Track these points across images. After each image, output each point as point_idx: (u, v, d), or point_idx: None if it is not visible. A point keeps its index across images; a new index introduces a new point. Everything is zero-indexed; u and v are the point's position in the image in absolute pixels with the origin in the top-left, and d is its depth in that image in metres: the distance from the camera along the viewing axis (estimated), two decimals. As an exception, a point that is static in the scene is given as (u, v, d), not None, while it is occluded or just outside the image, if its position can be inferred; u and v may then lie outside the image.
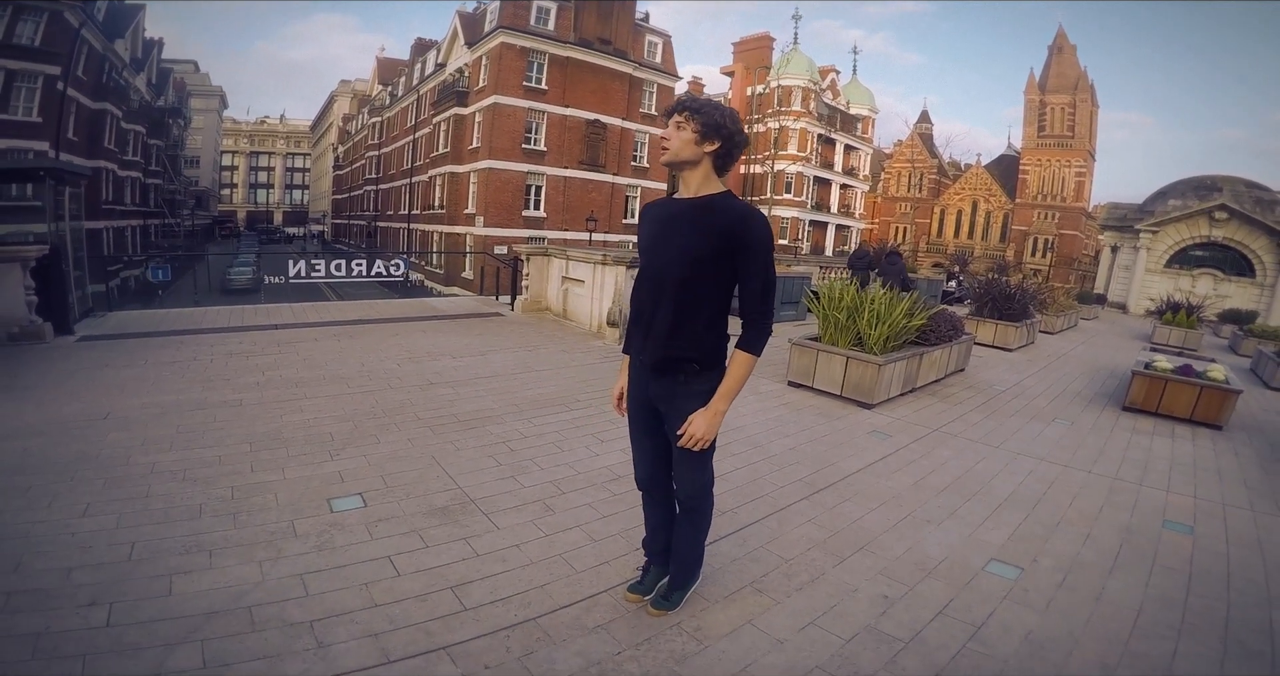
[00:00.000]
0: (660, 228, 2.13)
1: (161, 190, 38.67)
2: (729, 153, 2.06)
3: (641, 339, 2.18)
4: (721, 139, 2.03)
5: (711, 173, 2.08)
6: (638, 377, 2.25)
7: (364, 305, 9.89)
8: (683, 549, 2.40)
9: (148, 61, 34.80)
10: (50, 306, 6.56)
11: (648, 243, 2.16)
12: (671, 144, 2.05)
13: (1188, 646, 2.48)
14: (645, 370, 2.19)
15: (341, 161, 62.19)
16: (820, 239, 43.99)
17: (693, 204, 2.06)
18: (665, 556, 2.50)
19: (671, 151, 2.05)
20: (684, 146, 2.03)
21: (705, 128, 2.01)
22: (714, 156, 2.05)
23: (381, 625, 2.22)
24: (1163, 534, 3.60)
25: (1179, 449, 5.44)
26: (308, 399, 4.88)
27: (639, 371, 2.24)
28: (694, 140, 2.02)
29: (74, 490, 3.12)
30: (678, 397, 2.13)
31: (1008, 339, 10.35)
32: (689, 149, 2.03)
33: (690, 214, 2.05)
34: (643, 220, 2.25)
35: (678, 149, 2.04)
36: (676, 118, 2.05)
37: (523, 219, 26.75)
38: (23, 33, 20.83)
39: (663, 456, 2.30)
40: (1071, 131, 46.81)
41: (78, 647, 2.00)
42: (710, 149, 2.04)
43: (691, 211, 2.05)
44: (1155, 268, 24.27)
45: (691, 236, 2.01)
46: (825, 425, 5.20)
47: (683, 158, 2.04)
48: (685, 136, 2.02)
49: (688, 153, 2.03)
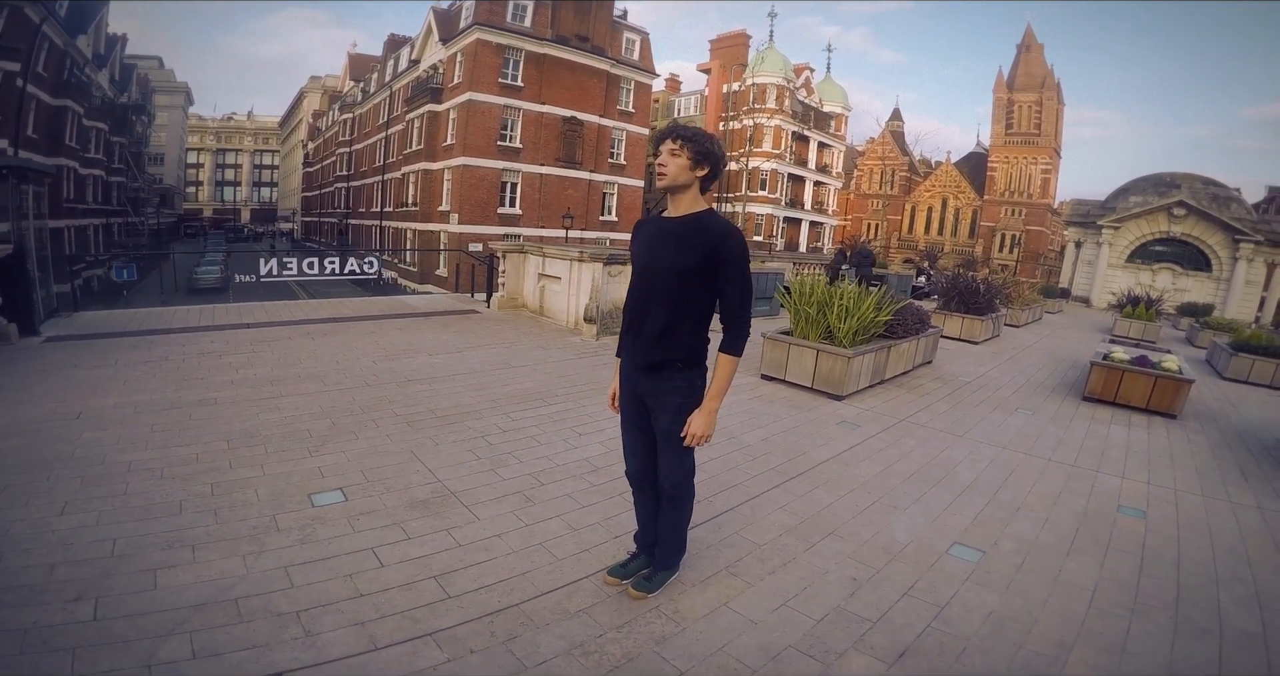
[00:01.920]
0: (652, 243, 2.30)
1: (125, 188, 37.59)
2: (715, 175, 2.27)
3: (632, 342, 2.35)
4: (710, 164, 2.23)
5: (698, 193, 2.29)
6: (629, 377, 2.41)
7: (337, 303, 9.80)
8: (667, 533, 2.54)
9: (110, 58, 33.79)
10: (15, 307, 6.41)
11: (642, 257, 2.32)
12: (669, 170, 2.22)
13: (1140, 625, 2.63)
14: (636, 370, 2.35)
15: (311, 158, 60.97)
16: (794, 235, 44.42)
17: (682, 222, 2.25)
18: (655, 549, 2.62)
19: (670, 177, 2.22)
20: (680, 172, 2.21)
21: (698, 155, 2.21)
22: (703, 179, 2.26)
23: (368, 613, 2.27)
24: (1118, 518, 3.78)
25: (1135, 437, 5.68)
26: (284, 397, 4.87)
27: (630, 371, 2.39)
28: (688, 166, 2.21)
29: (51, 489, 3.10)
30: (663, 392, 2.31)
31: (974, 332, 10.65)
32: (684, 174, 2.22)
33: (679, 230, 2.23)
34: (636, 237, 2.42)
35: (675, 174, 2.22)
36: (670, 145, 2.21)
37: (498, 216, 26.58)
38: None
39: (653, 450, 2.45)
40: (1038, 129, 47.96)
41: (67, 641, 2.02)
42: (701, 173, 2.24)
43: (680, 229, 2.23)
44: (1117, 262, 25.04)
45: (681, 251, 2.19)
46: (797, 416, 5.34)
47: (679, 182, 2.23)
48: (680, 163, 2.21)
49: (684, 177, 2.22)
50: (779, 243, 41.49)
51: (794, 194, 43.71)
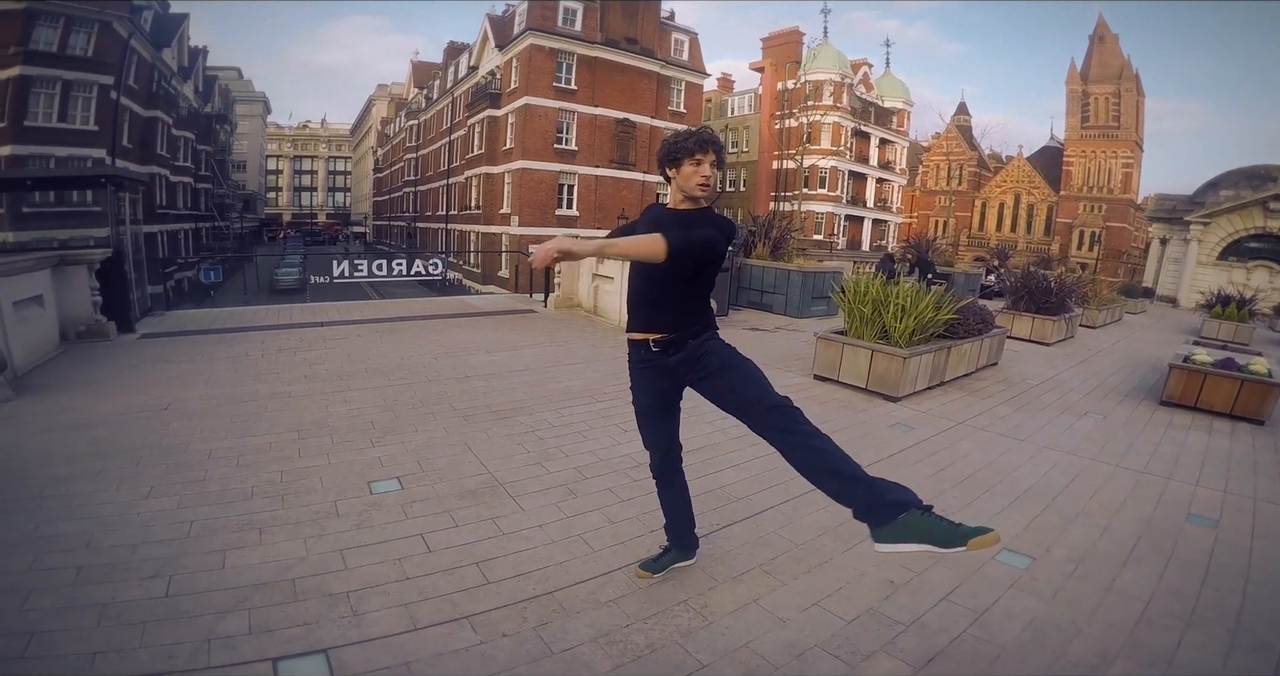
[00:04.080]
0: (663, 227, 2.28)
1: (211, 194, 39.85)
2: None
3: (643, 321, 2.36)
4: (722, 167, 2.35)
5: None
6: (649, 372, 2.39)
7: (404, 303, 10.27)
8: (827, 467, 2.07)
9: (194, 69, 35.65)
10: (113, 306, 7.03)
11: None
12: (712, 179, 2.28)
13: (1193, 637, 2.49)
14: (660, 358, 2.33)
15: (381, 164, 63.66)
16: (857, 234, 43.35)
17: (689, 213, 2.30)
18: (684, 539, 2.66)
19: (713, 186, 2.30)
20: (715, 178, 2.30)
21: (720, 160, 2.29)
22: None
23: (411, 596, 2.41)
24: (1185, 527, 3.56)
25: (1215, 443, 5.32)
26: (351, 390, 5.17)
27: (648, 366, 2.38)
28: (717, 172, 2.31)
29: (139, 474, 3.40)
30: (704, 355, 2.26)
31: (1045, 333, 10.15)
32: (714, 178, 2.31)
33: (687, 220, 2.25)
34: (643, 219, 2.45)
35: (715, 181, 2.30)
36: (711, 156, 2.24)
37: (556, 218, 27.10)
38: (75, 44, 21.66)
39: (676, 436, 2.52)
40: (1117, 122, 45.13)
41: (139, 616, 2.22)
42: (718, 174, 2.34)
43: (690, 218, 2.27)
44: (1207, 260, 23.25)
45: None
46: (848, 417, 5.26)
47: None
48: (714, 172, 2.28)
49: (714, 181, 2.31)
50: (840, 241, 40.57)
51: (855, 191, 42.67)
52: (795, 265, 11.35)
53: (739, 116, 44.31)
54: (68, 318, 6.54)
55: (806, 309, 10.91)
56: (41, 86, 21.03)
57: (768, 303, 11.43)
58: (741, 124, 43.77)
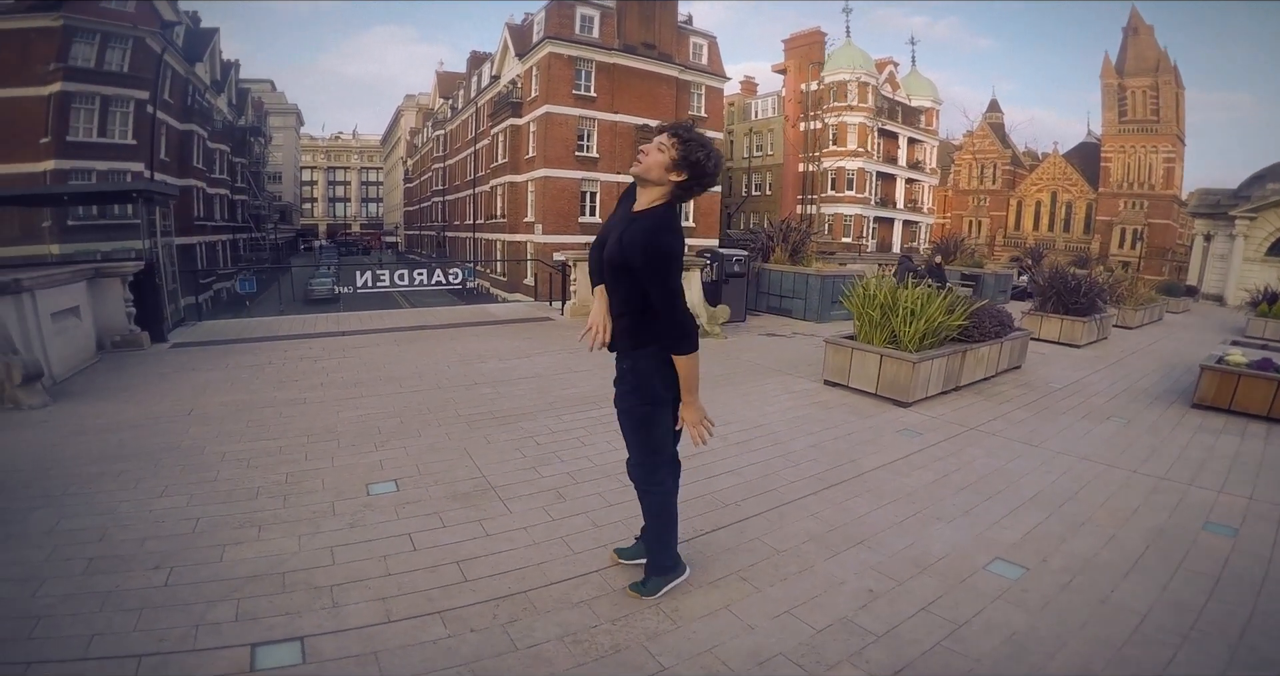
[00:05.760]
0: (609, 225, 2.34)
1: (247, 206, 40.97)
2: (690, 189, 2.18)
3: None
4: (691, 174, 2.13)
5: (666, 195, 2.19)
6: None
7: (424, 312, 10.51)
8: (649, 536, 2.61)
9: (227, 82, 36.54)
10: (147, 317, 7.36)
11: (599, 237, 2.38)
12: (646, 160, 2.14)
13: (1188, 653, 2.38)
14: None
15: (411, 174, 65.04)
16: (887, 235, 42.67)
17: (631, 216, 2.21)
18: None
19: (643, 167, 2.15)
20: (655, 167, 2.13)
21: (681, 160, 2.11)
22: (678, 185, 2.16)
23: (391, 591, 2.51)
24: (1200, 536, 3.43)
25: (1247, 447, 5.10)
26: (363, 397, 5.33)
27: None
28: (667, 165, 2.12)
29: (157, 474, 3.60)
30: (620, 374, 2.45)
31: (1074, 335, 9.86)
32: (657, 171, 2.14)
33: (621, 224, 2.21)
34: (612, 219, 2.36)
35: (648, 166, 2.14)
36: (663, 139, 2.14)
37: (579, 225, 27.31)
38: (111, 60, 22.61)
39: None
40: (1156, 115, 43.64)
41: (138, 602, 2.38)
42: (676, 178, 2.14)
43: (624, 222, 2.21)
44: (1254, 256, 22.28)
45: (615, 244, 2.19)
46: (854, 423, 5.21)
47: (650, 177, 2.15)
48: (661, 159, 2.12)
49: (655, 174, 2.14)
50: (870, 243, 40.01)
51: (884, 192, 42.07)
52: (814, 269, 11.27)
53: (763, 119, 44.09)
54: (104, 328, 6.87)
55: (827, 313, 10.81)
56: (81, 102, 21.98)
57: (787, 307, 11.36)
58: (765, 127, 43.53)
